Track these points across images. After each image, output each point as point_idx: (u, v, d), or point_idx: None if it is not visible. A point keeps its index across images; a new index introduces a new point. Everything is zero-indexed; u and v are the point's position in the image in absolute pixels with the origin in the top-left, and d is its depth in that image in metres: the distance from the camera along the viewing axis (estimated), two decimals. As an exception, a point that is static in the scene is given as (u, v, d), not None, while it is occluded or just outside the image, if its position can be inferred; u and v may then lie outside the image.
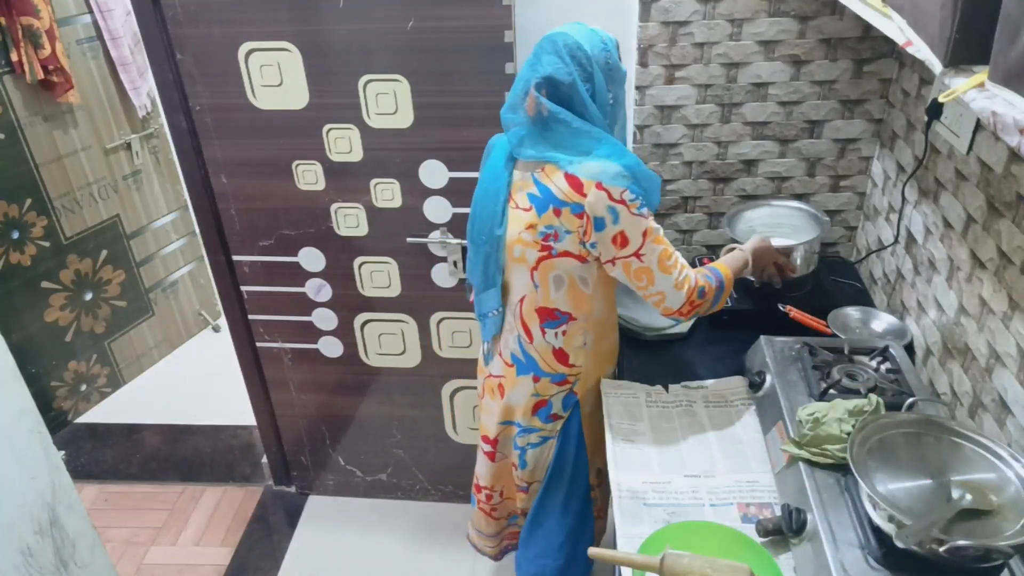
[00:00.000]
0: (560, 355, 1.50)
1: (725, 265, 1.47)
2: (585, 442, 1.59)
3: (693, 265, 1.92)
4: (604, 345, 1.55)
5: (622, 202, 1.30)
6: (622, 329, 1.71)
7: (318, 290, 2.14)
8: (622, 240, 1.32)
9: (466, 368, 2.23)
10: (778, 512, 1.25)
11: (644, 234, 1.32)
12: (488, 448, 1.68)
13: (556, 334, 1.47)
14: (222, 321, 2.38)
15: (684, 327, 1.75)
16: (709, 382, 1.58)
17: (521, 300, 1.47)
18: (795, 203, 1.91)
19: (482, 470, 1.74)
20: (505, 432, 1.63)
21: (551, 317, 1.46)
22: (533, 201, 1.36)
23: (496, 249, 1.44)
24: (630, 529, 1.26)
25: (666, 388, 1.57)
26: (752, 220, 1.88)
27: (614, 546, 1.24)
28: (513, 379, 1.55)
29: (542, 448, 1.59)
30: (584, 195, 1.30)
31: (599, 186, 1.29)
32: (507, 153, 1.43)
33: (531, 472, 1.63)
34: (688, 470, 1.37)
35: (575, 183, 1.31)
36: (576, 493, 1.63)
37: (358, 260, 2.08)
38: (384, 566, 2.30)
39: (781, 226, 1.87)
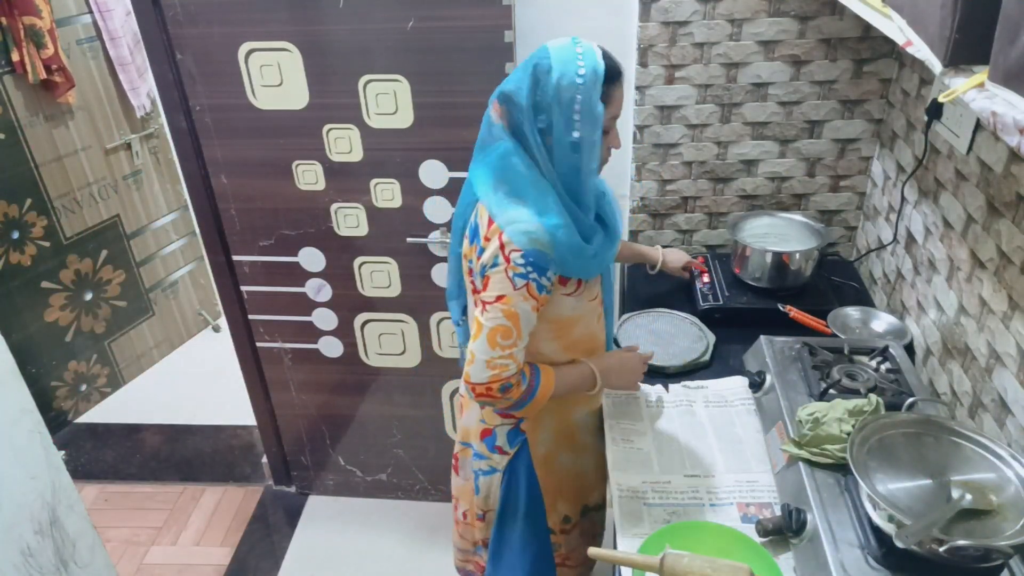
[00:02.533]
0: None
1: (558, 378, 1.32)
2: (539, 484, 1.47)
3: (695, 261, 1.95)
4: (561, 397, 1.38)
5: (507, 259, 1.18)
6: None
7: (318, 290, 2.14)
8: (485, 283, 1.22)
9: (466, 368, 2.22)
10: (778, 512, 1.25)
11: (499, 298, 1.20)
12: (454, 462, 1.60)
13: None
14: (222, 321, 2.39)
15: (706, 356, 1.67)
16: (709, 382, 1.58)
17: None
18: (797, 216, 1.92)
19: (453, 481, 1.65)
20: (464, 452, 1.54)
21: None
22: (469, 232, 1.31)
23: (460, 264, 1.40)
24: (630, 529, 1.26)
25: (666, 388, 1.57)
26: (754, 228, 1.89)
27: (614, 546, 1.24)
28: (468, 401, 1.50)
29: (492, 479, 1.49)
30: (487, 239, 1.23)
31: (500, 235, 1.19)
32: None
33: (484, 500, 1.52)
34: (688, 470, 1.37)
35: (491, 224, 1.22)
36: (534, 535, 1.50)
37: (358, 260, 2.08)
38: (384, 566, 2.30)
39: (781, 236, 1.88)
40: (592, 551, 1.14)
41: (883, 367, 1.45)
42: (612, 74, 1.18)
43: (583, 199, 1.24)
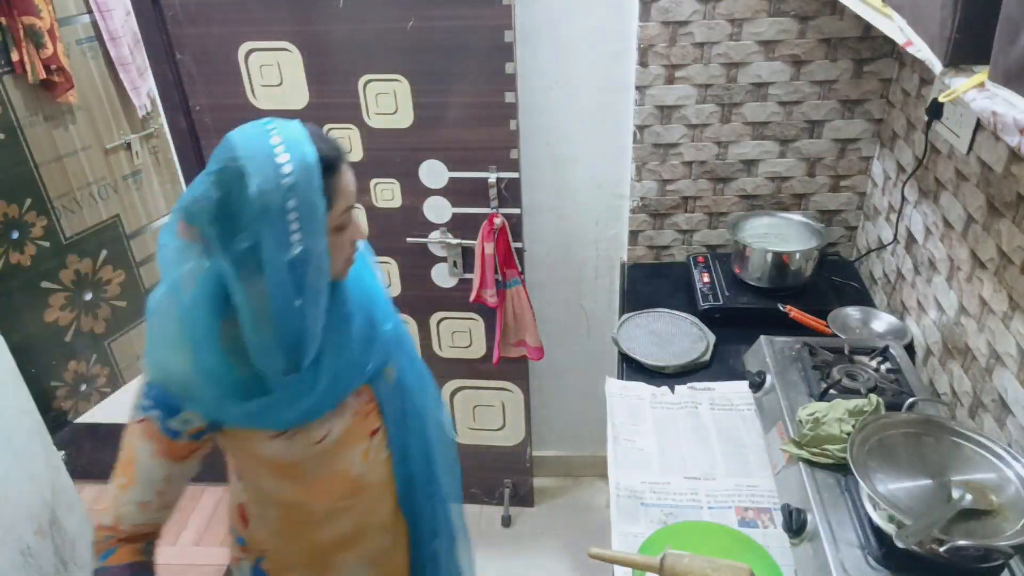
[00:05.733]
0: (241, 513, 1.17)
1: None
2: None
3: (692, 264, 1.94)
4: (311, 536, 1.14)
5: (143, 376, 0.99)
6: (644, 367, 1.63)
7: (318, 290, 2.14)
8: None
9: (466, 368, 2.22)
10: (777, 517, 1.25)
11: (123, 431, 1.02)
12: None
13: (241, 487, 1.17)
14: (222, 321, 2.38)
15: (706, 356, 1.67)
16: (716, 384, 1.57)
17: None
18: (797, 216, 1.92)
19: None
20: None
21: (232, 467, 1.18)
22: None
23: None
24: (626, 528, 1.26)
25: (672, 389, 1.56)
26: (754, 228, 1.89)
27: (610, 546, 1.24)
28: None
29: None
30: None
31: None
32: None
33: None
34: (688, 472, 1.37)
35: None
36: None
37: (358, 260, 2.08)
38: (384, 566, 2.30)
39: (781, 236, 1.87)
40: (593, 551, 1.14)
41: (883, 367, 1.45)
42: (330, 162, 0.91)
43: (308, 331, 0.93)
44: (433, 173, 1.92)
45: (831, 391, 1.37)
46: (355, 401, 1.07)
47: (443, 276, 2.07)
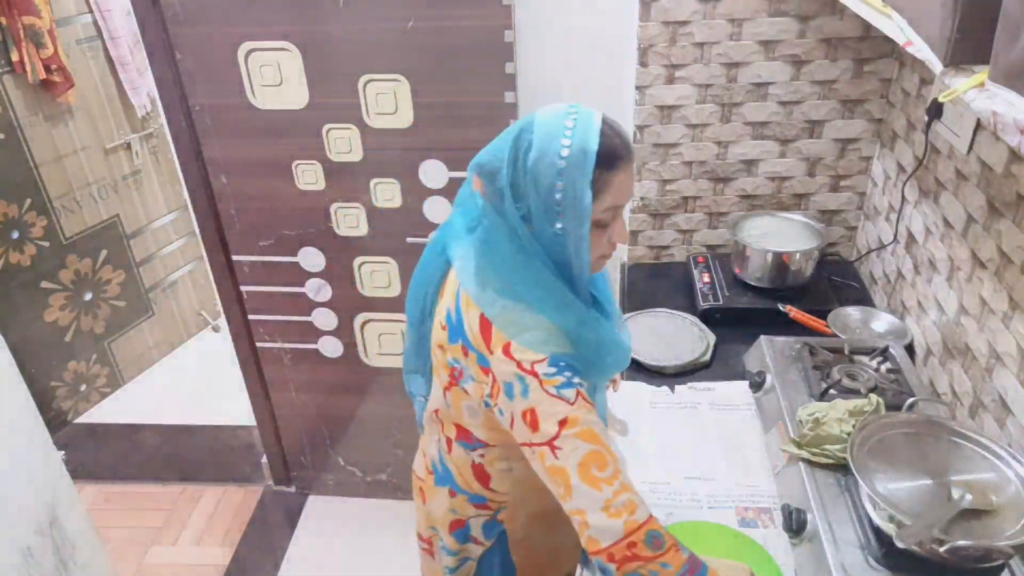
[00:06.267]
0: (480, 473, 1.17)
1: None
2: (515, 569, 1.28)
3: (692, 264, 1.94)
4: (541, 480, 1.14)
5: (534, 374, 0.94)
6: (645, 367, 1.62)
7: (318, 290, 2.14)
8: (532, 420, 0.95)
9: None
10: (777, 517, 1.25)
11: (561, 423, 0.93)
12: (424, 545, 1.41)
13: (477, 454, 1.17)
14: (222, 321, 2.38)
15: (706, 356, 1.65)
16: (716, 384, 1.57)
17: (436, 411, 1.21)
18: (797, 216, 1.92)
19: (421, 563, 1.47)
20: (435, 537, 1.34)
21: (467, 439, 1.16)
22: (448, 322, 1.06)
23: (424, 338, 1.19)
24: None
25: (672, 389, 1.56)
26: (754, 228, 1.89)
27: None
28: (432, 487, 1.28)
29: (462, 570, 1.30)
30: (491, 351, 0.98)
31: (507, 349, 0.96)
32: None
33: None
34: (688, 472, 1.37)
35: (486, 330, 0.99)
36: None
37: (358, 260, 2.08)
38: (384, 566, 2.30)
39: (781, 236, 1.87)
40: (593, 551, 1.14)
41: (883, 367, 1.45)
42: (609, 158, 0.92)
43: (578, 284, 1.01)
44: (433, 173, 1.92)
45: (831, 391, 1.37)
46: None
47: (443, 276, 2.07)
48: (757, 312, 1.77)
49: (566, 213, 0.92)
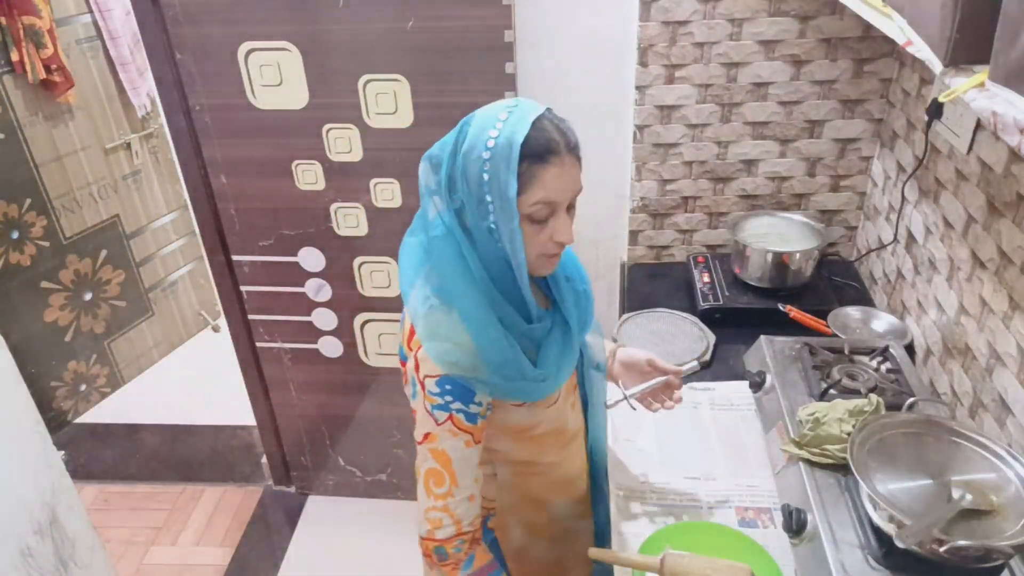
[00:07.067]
0: None
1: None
2: None
3: (692, 264, 1.94)
4: (531, 486, 1.19)
5: (423, 384, 0.98)
6: None
7: (318, 290, 2.14)
8: (415, 419, 1.03)
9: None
10: (777, 517, 1.25)
11: (425, 436, 1.00)
12: (428, 559, 1.30)
13: None
14: (222, 321, 2.38)
15: (706, 356, 1.65)
16: (717, 384, 1.57)
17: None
18: (797, 216, 1.92)
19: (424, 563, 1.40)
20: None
21: None
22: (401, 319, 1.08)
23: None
24: (625, 528, 1.26)
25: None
26: (754, 228, 1.89)
27: (609, 546, 1.24)
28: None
29: None
30: (410, 348, 1.00)
31: (417, 352, 0.98)
32: None
33: None
34: (688, 472, 1.37)
35: (412, 329, 1.00)
36: None
37: (358, 260, 2.08)
38: (384, 566, 2.30)
39: (781, 236, 1.87)
40: (592, 551, 1.14)
41: (883, 367, 1.45)
42: (539, 151, 0.90)
43: (513, 295, 0.99)
44: (433, 173, 1.92)
45: (831, 391, 1.37)
46: None
47: (443, 276, 2.07)
48: (757, 312, 1.77)
49: (495, 206, 0.92)
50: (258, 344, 2.27)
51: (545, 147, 0.91)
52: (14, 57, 2.45)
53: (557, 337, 1.05)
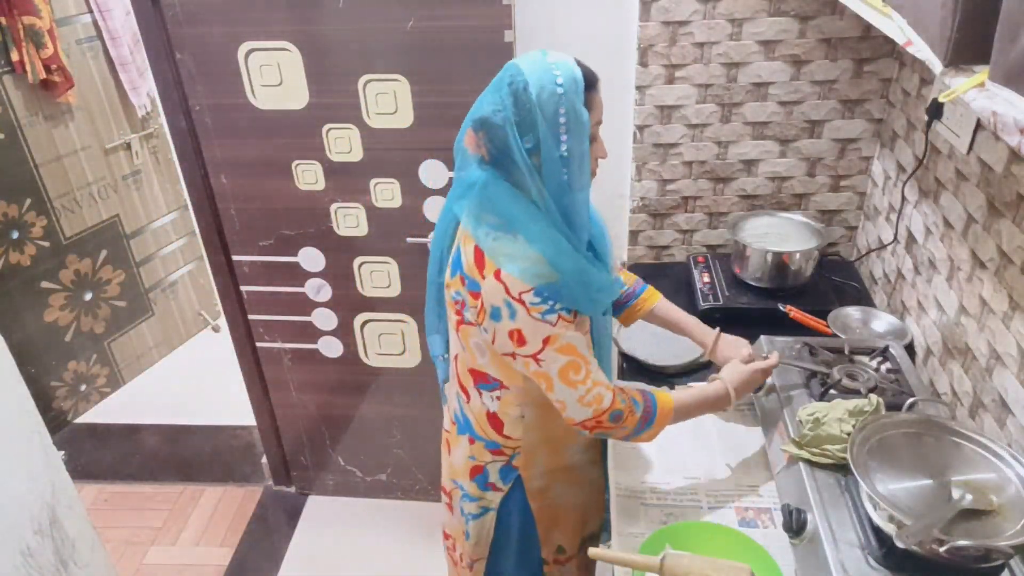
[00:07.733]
0: (494, 421, 1.31)
1: (687, 397, 1.28)
2: (534, 518, 1.42)
3: (692, 264, 1.94)
4: (552, 427, 1.30)
5: (521, 302, 1.11)
6: (645, 367, 1.64)
7: (318, 290, 2.14)
8: (519, 338, 1.14)
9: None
10: (777, 517, 1.25)
11: (545, 341, 1.13)
12: (446, 499, 1.53)
13: (492, 398, 1.29)
14: (222, 321, 2.38)
15: (706, 356, 1.61)
16: None
17: (455, 358, 1.33)
18: (797, 216, 1.92)
19: (444, 518, 1.58)
20: (455, 491, 1.47)
21: (484, 380, 1.29)
22: (453, 261, 1.23)
23: (441, 292, 1.32)
24: (626, 528, 1.26)
25: (672, 389, 1.56)
26: (754, 228, 1.89)
27: (608, 545, 1.24)
28: (455, 436, 1.41)
29: (483, 521, 1.43)
30: (483, 276, 1.13)
31: (497, 275, 1.11)
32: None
33: (474, 547, 1.47)
34: (689, 472, 1.37)
35: (479, 258, 1.14)
36: (526, 567, 1.47)
37: (358, 260, 2.08)
38: (384, 566, 2.30)
39: (781, 236, 1.87)
40: (592, 551, 1.14)
41: (883, 367, 1.45)
42: (590, 80, 1.13)
43: (576, 219, 1.15)
44: (433, 173, 1.92)
45: (831, 391, 1.37)
46: None
47: (443, 276, 2.07)
48: (757, 312, 1.77)
49: (570, 132, 1.09)
50: (258, 344, 2.27)
51: (591, 79, 1.13)
52: (14, 57, 2.45)
53: (595, 260, 1.20)
